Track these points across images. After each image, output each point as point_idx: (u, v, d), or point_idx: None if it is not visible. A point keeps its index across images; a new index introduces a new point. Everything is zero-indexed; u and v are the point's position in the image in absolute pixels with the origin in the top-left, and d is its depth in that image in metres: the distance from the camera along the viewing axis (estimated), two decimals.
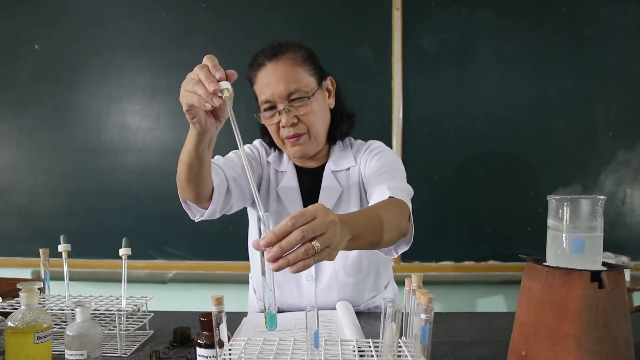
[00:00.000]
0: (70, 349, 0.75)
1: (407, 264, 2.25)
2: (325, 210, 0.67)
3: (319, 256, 0.65)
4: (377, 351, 0.71)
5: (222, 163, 1.14)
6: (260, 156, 1.26)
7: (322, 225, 0.65)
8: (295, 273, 0.64)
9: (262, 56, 1.11)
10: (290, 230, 0.63)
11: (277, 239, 0.63)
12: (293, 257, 0.63)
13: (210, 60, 0.79)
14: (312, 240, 0.64)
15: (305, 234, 0.63)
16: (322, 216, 0.66)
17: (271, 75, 1.09)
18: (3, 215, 2.34)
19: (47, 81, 2.33)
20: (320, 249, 0.64)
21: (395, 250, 0.99)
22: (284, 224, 0.63)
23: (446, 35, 2.26)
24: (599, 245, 0.69)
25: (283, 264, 0.63)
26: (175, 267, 2.29)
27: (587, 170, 2.23)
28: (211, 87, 0.76)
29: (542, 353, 0.67)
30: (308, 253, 0.63)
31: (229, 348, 0.70)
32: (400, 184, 1.04)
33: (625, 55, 2.23)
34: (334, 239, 0.66)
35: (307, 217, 0.65)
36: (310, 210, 0.66)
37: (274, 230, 0.63)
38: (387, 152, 1.20)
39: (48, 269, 1.09)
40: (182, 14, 2.31)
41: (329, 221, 0.66)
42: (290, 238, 0.62)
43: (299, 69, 1.10)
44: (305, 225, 0.63)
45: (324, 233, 0.65)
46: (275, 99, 1.10)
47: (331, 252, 0.67)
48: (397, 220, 0.89)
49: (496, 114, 2.25)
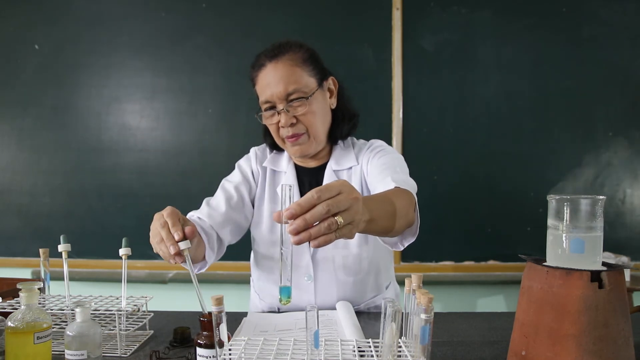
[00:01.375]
0: (70, 349, 0.75)
1: (407, 264, 2.25)
2: (350, 186, 0.67)
3: (340, 232, 0.64)
4: (377, 351, 0.71)
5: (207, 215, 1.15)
6: (252, 171, 1.27)
7: (347, 200, 0.64)
8: (316, 247, 0.63)
9: (262, 57, 1.12)
10: (316, 203, 0.62)
11: (302, 210, 0.62)
12: (315, 231, 0.62)
13: (170, 219, 0.86)
14: (336, 215, 0.63)
15: (331, 207, 0.62)
16: (347, 192, 0.65)
17: (271, 76, 1.10)
18: (3, 215, 2.34)
19: (47, 81, 2.33)
20: (342, 224, 0.63)
21: (401, 243, 0.99)
22: (309, 196, 0.62)
23: (446, 35, 2.26)
24: (599, 245, 0.69)
25: (305, 237, 0.62)
26: (175, 267, 2.28)
27: (587, 170, 2.23)
28: (172, 250, 0.84)
29: (542, 353, 0.67)
30: (331, 228, 0.62)
31: (229, 348, 0.70)
32: (405, 177, 1.04)
33: (625, 55, 2.23)
34: (356, 216, 0.66)
35: (333, 191, 0.64)
36: (336, 185, 0.65)
37: (299, 202, 0.62)
38: (389, 150, 1.20)
39: (48, 269, 1.09)
40: (182, 14, 2.31)
41: (354, 197, 0.65)
42: (315, 211, 0.61)
43: (299, 69, 1.10)
44: (330, 200, 0.63)
45: (347, 209, 0.64)
46: (275, 100, 1.10)
47: (352, 229, 0.66)
48: (406, 208, 0.89)
49: (496, 114, 2.25)
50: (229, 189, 1.22)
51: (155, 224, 0.88)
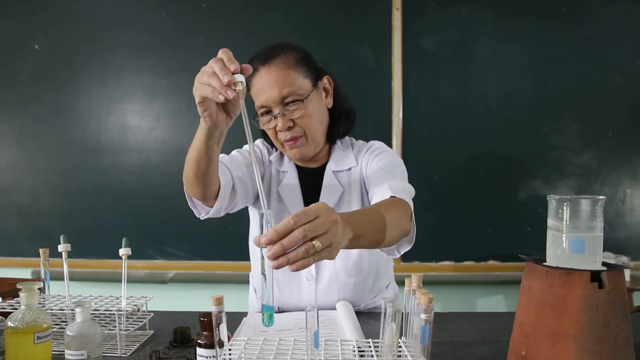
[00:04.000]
0: (70, 349, 0.75)
1: (407, 264, 2.25)
2: (327, 209, 0.67)
3: (319, 255, 0.65)
4: (377, 351, 0.71)
5: (228, 161, 1.14)
6: (262, 155, 1.26)
7: (324, 224, 0.65)
8: (294, 271, 0.64)
9: (255, 61, 1.11)
10: (292, 228, 0.63)
11: (279, 236, 0.63)
12: (293, 256, 0.63)
13: (225, 54, 0.80)
14: (314, 239, 0.64)
15: (307, 233, 0.63)
16: (325, 215, 0.66)
17: (264, 80, 1.09)
18: (3, 215, 2.34)
19: (47, 81, 2.33)
20: (320, 248, 0.64)
21: (398, 250, 1.00)
22: (285, 222, 0.63)
23: (446, 35, 2.26)
24: (599, 245, 0.69)
25: (283, 262, 0.63)
26: (175, 267, 2.28)
27: (587, 170, 2.23)
28: (225, 79, 0.76)
29: (542, 353, 0.67)
30: (308, 252, 0.63)
31: (229, 348, 0.70)
32: (402, 184, 1.04)
33: (625, 55, 2.23)
34: (335, 239, 0.66)
35: (310, 216, 0.64)
36: (313, 209, 0.66)
37: (276, 228, 0.63)
38: (389, 153, 1.20)
39: (48, 269, 1.09)
40: (182, 14, 2.31)
41: (331, 220, 0.66)
42: (292, 237, 0.63)
43: (292, 72, 1.09)
44: (307, 224, 0.63)
45: (325, 232, 0.65)
46: (270, 104, 1.09)
47: (332, 251, 0.67)
48: (400, 219, 0.89)
49: (496, 114, 2.25)
50: (245, 154, 1.20)
51: (205, 66, 0.81)
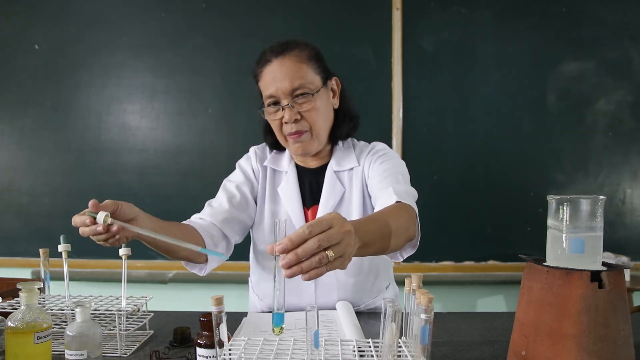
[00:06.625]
0: (70, 349, 0.75)
1: (407, 264, 2.24)
2: (340, 219, 0.68)
3: (332, 265, 0.66)
4: (377, 351, 0.71)
5: (209, 214, 1.15)
6: (253, 170, 1.26)
7: (338, 234, 0.65)
8: (307, 281, 0.64)
9: (269, 53, 1.13)
10: (307, 238, 0.63)
11: (293, 245, 0.63)
12: (307, 265, 0.63)
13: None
14: (327, 249, 0.64)
15: (321, 242, 0.63)
16: (338, 225, 0.66)
17: (277, 71, 1.10)
18: (3, 215, 2.34)
19: (47, 81, 2.33)
20: (333, 258, 0.65)
21: (401, 255, 1.00)
22: (300, 231, 0.63)
23: (446, 35, 2.26)
24: (599, 245, 0.69)
25: (296, 271, 0.63)
26: (175, 267, 2.28)
27: (587, 170, 2.23)
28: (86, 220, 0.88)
29: (542, 353, 0.67)
30: (322, 262, 0.64)
31: (229, 348, 0.70)
32: (406, 188, 1.05)
33: (625, 55, 2.23)
34: (347, 249, 0.67)
35: (324, 225, 0.65)
36: (327, 218, 0.66)
37: (291, 237, 0.63)
38: (391, 155, 1.20)
39: (48, 269, 1.09)
40: (182, 14, 2.31)
41: (345, 231, 0.66)
42: (306, 246, 0.63)
43: (304, 66, 1.11)
44: (322, 234, 0.64)
45: (338, 242, 0.65)
46: (280, 95, 1.11)
47: (344, 261, 0.68)
48: (406, 226, 0.90)
49: (496, 114, 2.25)
50: (230, 188, 1.22)
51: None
